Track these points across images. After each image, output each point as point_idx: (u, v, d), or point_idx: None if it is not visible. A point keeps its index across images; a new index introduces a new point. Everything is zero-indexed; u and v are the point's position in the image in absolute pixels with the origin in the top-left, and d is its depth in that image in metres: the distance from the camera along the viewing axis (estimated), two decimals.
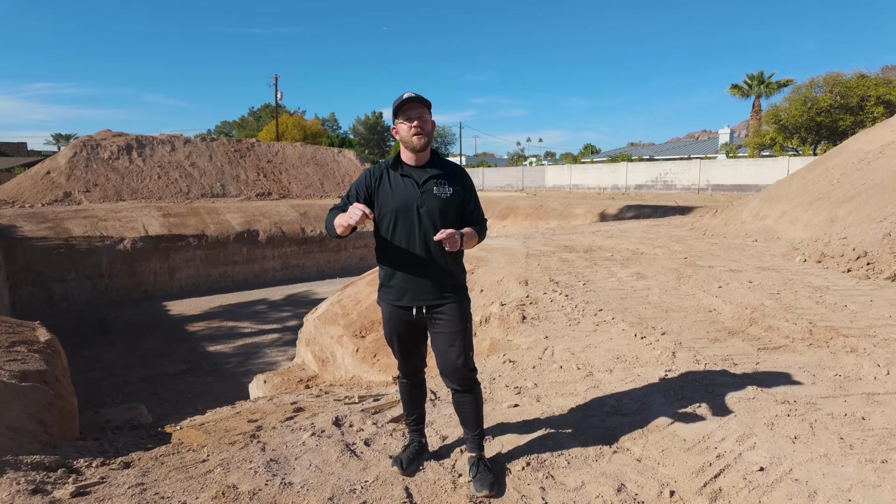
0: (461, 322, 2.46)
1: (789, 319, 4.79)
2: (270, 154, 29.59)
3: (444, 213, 2.41)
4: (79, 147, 24.28)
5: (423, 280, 2.42)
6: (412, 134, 2.36)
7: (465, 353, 2.47)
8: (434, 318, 2.47)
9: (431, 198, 2.40)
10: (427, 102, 2.40)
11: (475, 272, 7.31)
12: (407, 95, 2.37)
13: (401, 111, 2.38)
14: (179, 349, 13.26)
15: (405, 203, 2.40)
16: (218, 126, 74.51)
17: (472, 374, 2.52)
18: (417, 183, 2.42)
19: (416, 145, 2.38)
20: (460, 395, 2.53)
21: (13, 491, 2.39)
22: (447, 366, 2.48)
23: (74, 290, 17.89)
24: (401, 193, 2.41)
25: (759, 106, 31.70)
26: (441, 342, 2.47)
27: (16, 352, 5.35)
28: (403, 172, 2.45)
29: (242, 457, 2.81)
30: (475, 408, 2.54)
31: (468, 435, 2.59)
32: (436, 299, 2.45)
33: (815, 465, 2.57)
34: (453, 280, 2.48)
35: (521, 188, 34.18)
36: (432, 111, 2.45)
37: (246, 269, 21.51)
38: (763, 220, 10.18)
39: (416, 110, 2.37)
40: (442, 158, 2.54)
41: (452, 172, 2.49)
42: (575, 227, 13.71)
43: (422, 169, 2.46)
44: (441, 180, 2.43)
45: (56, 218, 19.11)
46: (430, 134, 2.41)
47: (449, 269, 2.46)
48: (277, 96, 42.21)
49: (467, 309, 2.52)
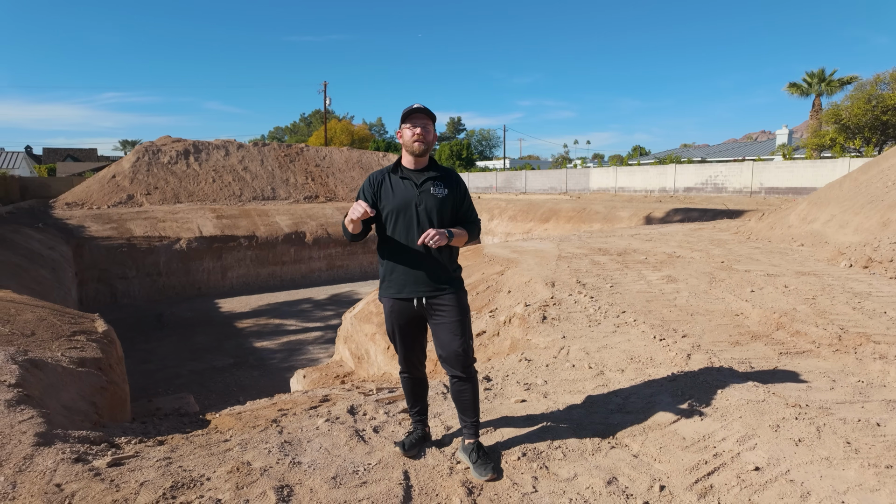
0: (459, 313, 2.63)
1: (819, 325, 4.66)
2: (318, 158, 30.52)
3: (440, 211, 2.61)
4: (141, 152, 25.82)
5: (421, 272, 2.61)
6: (413, 140, 2.61)
7: (465, 342, 2.63)
8: (434, 309, 2.64)
9: (429, 197, 2.62)
10: (432, 116, 2.65)
11: (505, 273, 7.40)
12: (416, 106, 2.62)
13: (408, 118, 2.61)
14: (228, 345, 13.93)
15: (405, 202, 2.62)
16: (271, 132, 77.31)
17: (471, 361, 2.68)
18: (416, 184, 2.64)
19: (416, 150, 2.62)
20: (461, 383, 2.67)
21: (57, 459, 2.69)
22: (449, 354, 2.64)
23: (135, 286, 19.04)
24: (401, 193, 2.64)
25: (819, 105, 30.19)
26: (442, 332, 2.63)
27: (76, 340, 5.84)
28: (403, 175, 2.68)
29: (260, 438, 3.04)
30: (473, 396, 2.69)
31: (466, 422, 2.71)
32: (433, 290, 2.63)
33: (814, 467, 2.55)
34: (448, 273, 2.66)
35: (564, 191, 33.81)
36: (436, 123, 2.72)
37: (293, 269, 22.28)
38: (811, 224, 9.78)
39: (421, 120, 2.61)
40: (438, 164, 2.76)
41: (447, 176, 2.71)
42: (614, 230, 13.53)
43: (420, 172, 2.68)
44: (437, 182, 2.65)
45: (119, 219, 20.41)
46: (430, 143, 2.65)
47: (443, 263, 2.64)
48: (326, 102, 43.47)
49: (465, 301, 2.69)
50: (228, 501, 2.35)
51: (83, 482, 2.49)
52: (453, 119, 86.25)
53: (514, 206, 27.83)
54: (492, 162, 65.27)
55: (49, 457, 2.70)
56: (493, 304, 6.44)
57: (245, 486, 2.48)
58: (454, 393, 2.73)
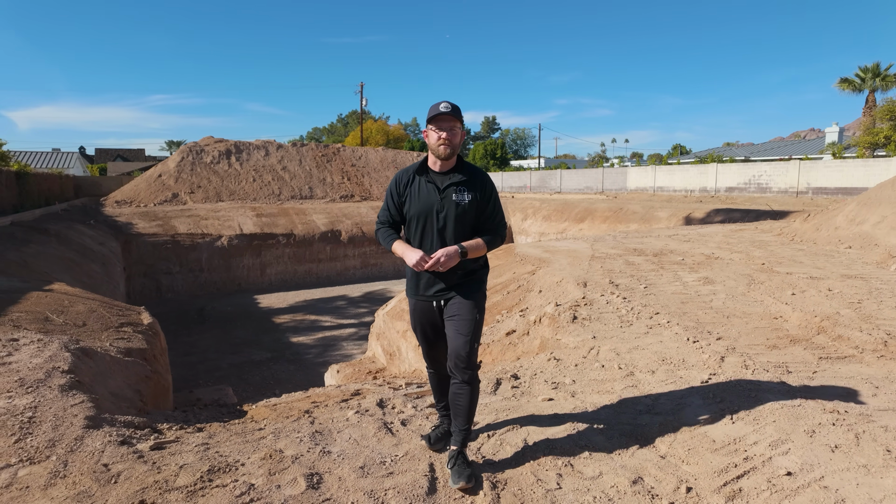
0: (471, 312, 2.58)
1: (864, 330, 4.49)
2: (354, 158, 30.97)
3: (460, 219, 2.58)
4: (186, 152, 26.76)
5: (442, 277, 2.60)
6: (439, 144, 2.56)
7: (470, 344, 2.55)
8: (448, 307, 2.62)
9: (450, 203, 2.58)
10: (460, 116, 2.57)
11: (536, 273, 7.38)
12: (443, 107, 2.53)
13: (434, 120, 2.55)
14: (266, 339, 14.32)
15: (427, 207, 2.60)
16: (309, 132, 78.83)
17: (473, 364, 2.58)
18: (438, 189, 2.61)
19: (442, 154, 2.58)
20: (459, 386, 2.58)
21: (105, 441, 2.86)
22: (452, 352, 2.57)
23: (178, 281, 19.77)
24: (424, 198, 2.62)
25: (873, 101, 28.78)
26: (450, 328, 2.60)
27: (123, 332, 6.14)
28: (428, 178, 2.64)
29: (293, 428, 3.14)
30: (469, 402, 2.58)
31: (455, 428, 2.61)
32: (450, 293, 2.62)
33: (850, 474, 2.47)
34: (470, 275, 2.64)
35: (600, 190, 33.30)
36: (464, 122, 2.64)
37: (329, 267, 22.71)
38: (860, 226, 9.37)
39: (448, 122, 2.54)
40: (466, 164, 2.68)
41: (473, 179, 2.63)
42: (651, 231, 13.27)
43: (445, 175, 2.63)
44: (461, 187, 2.60)
45: (165, 216, 21.21)
46: (457, 146, 2.59)
47: (463, 266, 2.60)
48: (363, 103, 44.03)
49: (480, 303, 2.65)
50: (261, 486, 2.45)
51: (128, 463, 2.64)
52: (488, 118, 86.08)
53: (549, 206, 27.58)
54: (526, 161, 64.81)
55: (97, 439, 2.87)
56: (524, 304, 6.43)
57: (277, 472, 2.57)
58: (451, 395, 2.63)
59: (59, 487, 2.43)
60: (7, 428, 2.92)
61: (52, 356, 4.11)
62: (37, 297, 6.74)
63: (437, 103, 2.56)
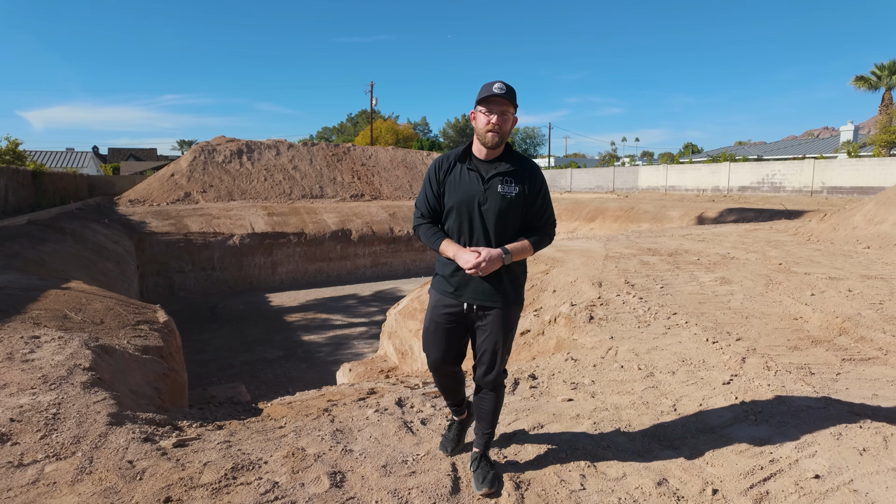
0: (506, 325, 2.39)
1: (887, 331, 4.42)
2: (364, 157, 31.03)
3: (506, 214, 2.29)
4: (198, 152, 26.94)
5: (482, 280, 2.32)
6: (487, 130, 2.25)
7: (502, 357, 2.41)
8: (482, 317, 2.39)
9: (494, 195, 2.29)
10: (514, 100, 2.26)
11: (550, 272, 7.35)
12: (496, 88, 2.21)
13: (484, 102, 2.25)
14: (277, 337, 14.39)
15: (468, 198, 2.30)
16: (319, 132, 79.08)
17: (502, 375, 2.48)
18: (483, 178, 2.31)
19: (489, 142, 2.28)
20: (485, 392, 2.49)
21: (129, 438, 2.88)
22: (482, 362, 2.43)
23: (191, 280, 19.91)
24: (465, 188, 2.32)
25: (889, 99, 28.43)
26: (483, 339, 2.41)
27: (140, 329, 6.18)
28: (471, 166, 2.34)
29: (313, 426, 3.15)
30: (494, 407, 2.50)
31: (479, 431, 2.54)
32: (489, 300, 2.35)
33: (880, 477, 2.44)
34: (513, 282, 2.39)
35: (611, 189, 33.13)
36: (518, 107, 2.32)
37: (339, 266, 22.78)
38: (878, 226, 9.25)
39: (500, 106, 2.24)
40: (515, 153, 2.38)
41: (522, 169, 2.34)
42: (664, 230, 13.18)
43: (490, 164, 2.33)
44: (508, 178, 2.30)
45: (177, 215, 21.38)
46: (506, 134, 2.29)
47: (511, 270, 2.36)
48: (372, 102, 44.11)
49: (517, 314, 2.46)
50: (285, 484, 2.45)
51: (152, 460, 2.66)
52: None
53: (559, 205, 27.47)
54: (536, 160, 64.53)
55: (121, 435, 2.89)
56: (538, 304, 6.41)
57: (300, 470, 2.58)
58: (476, 399, 2.53)
59: (85, 483, 2.45)
60: (32, 424, 2.95)
61: (73, 353, 4.15)
62: (55, 295, 6.81)
63: (491, 83, 2.24)
